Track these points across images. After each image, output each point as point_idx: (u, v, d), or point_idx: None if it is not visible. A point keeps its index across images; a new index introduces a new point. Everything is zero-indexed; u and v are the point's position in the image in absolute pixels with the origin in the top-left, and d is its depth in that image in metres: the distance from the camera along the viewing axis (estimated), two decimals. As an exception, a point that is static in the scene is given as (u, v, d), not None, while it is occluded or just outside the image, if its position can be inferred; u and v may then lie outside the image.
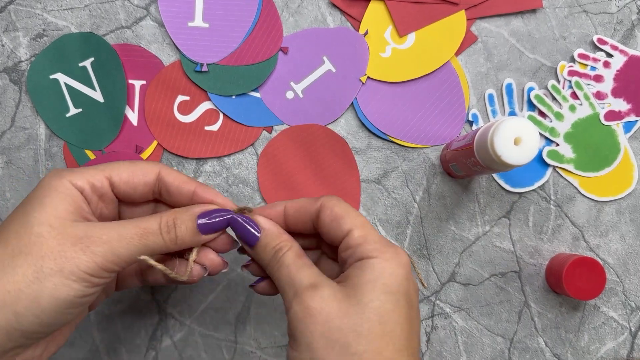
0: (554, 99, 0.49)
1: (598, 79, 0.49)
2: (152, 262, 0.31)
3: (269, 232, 0.33)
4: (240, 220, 0.33)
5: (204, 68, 0.47)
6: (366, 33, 0.48)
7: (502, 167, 0.38)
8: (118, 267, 0.30)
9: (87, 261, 0.28)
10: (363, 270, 0.30)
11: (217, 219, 0.33)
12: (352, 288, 0.30)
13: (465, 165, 0.42)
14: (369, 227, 0.32)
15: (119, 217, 0.35)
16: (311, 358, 0.28)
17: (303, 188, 0.48)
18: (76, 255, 0.28)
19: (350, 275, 0.30)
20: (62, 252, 0.28)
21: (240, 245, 0.35)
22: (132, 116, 0.48)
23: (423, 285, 0.47)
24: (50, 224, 0.29)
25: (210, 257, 0.34)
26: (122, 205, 0.35)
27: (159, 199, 0.35)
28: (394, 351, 0.28)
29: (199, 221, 0.32)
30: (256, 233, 0.33)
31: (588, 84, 0.49)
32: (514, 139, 0.36)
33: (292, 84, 0.48)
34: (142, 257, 0.31)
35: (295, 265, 0.32)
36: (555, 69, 0.49)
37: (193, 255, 0.33)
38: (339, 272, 0.32)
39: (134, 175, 0.33)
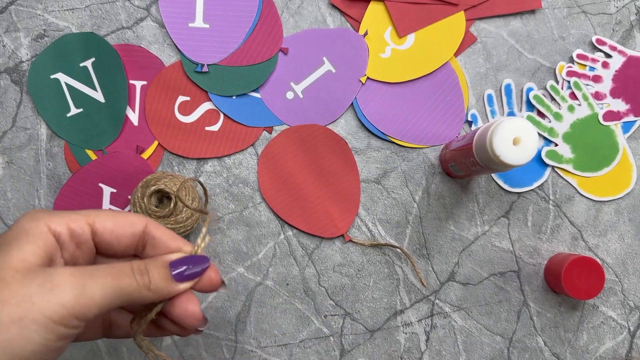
0: (552, 99, 0.49)
1: (597, 79, 0.49)
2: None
3: None
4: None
5: (205, 68, 0.48)
6: (366, 34, 0.49)
7: (501, 167, 0.38)
8: (90, 312, 0.26)
9: (55, 304, 0.25)
10: None
11: (192, 269, 0.30)
12: None
13: (465, 165, 0.42)
14: None
15: None
16: None
17: (303, 188, 0.48)
18: (43, 299, 0.25)
19: None
20: (26, 295, 0.25)
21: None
22: (133, 116, 0.48)
23: (423, 284, 0.48)
24: (14, 268, 0.25)
25: (191, 310, 0.30)
26: (99, 257, 0.32)
27: (139, 255, 0.32)
28: None
29: (173, 271, 0.30)
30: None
31: (587, 85, 0.49)
32: (513, 139, 0.36)
33: (292, 84, 0.48)
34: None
35: None
36: (554, 69, 0.49)
37: (152, 313, 0.30)
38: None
39: (119, 225, 0.30)
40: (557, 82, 0.49)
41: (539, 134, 0.49)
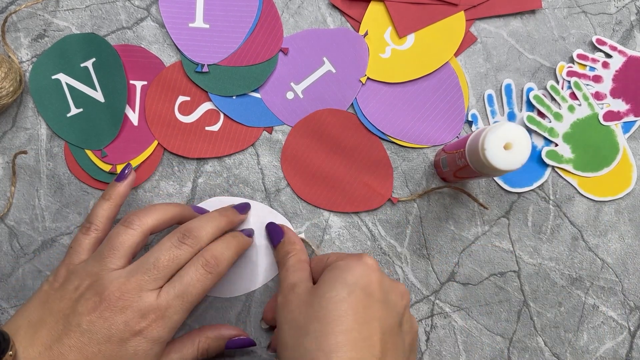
0: (553, 99, 0.49)
1: (597, 79, 0.49)
2: None
3: (286, 238, 0.45)
4: (272, 225, 0.46)
5: (205, 69, 0.48)
6: (366, 34, 0.49)
7: (492, 171, 0.38)
8: None
9: None
10: (330, 271, 0.38)
11: (239, 344, 0.44)
12: (318, 285, 0.37)
13: (456, 165, 0.42)
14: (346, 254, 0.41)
15: None
16: (280, 337, 0.37)
17: (334, 174, 0.48)
18: None
19: (322, 276, 0.38)
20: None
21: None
22: (133, 116, 0.48)
23: (485, 207, 0.48)
24: None
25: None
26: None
27: None
28: (340, 332, 0.34)
29: (228, 344, 0.44)
30: (279, 237, 0.45)
31: (587, 85, 0.49)
32: (504, 144, 0.36)
33: (292, 84, 0.48)
34: None
35: (292, 268, 0.41)
36: (554, 69, 0.49)
37: None
38: None
39: (162, 222, 0.41)
40: (557, 82, 0.49)
41: (539, 134, 0.49)
